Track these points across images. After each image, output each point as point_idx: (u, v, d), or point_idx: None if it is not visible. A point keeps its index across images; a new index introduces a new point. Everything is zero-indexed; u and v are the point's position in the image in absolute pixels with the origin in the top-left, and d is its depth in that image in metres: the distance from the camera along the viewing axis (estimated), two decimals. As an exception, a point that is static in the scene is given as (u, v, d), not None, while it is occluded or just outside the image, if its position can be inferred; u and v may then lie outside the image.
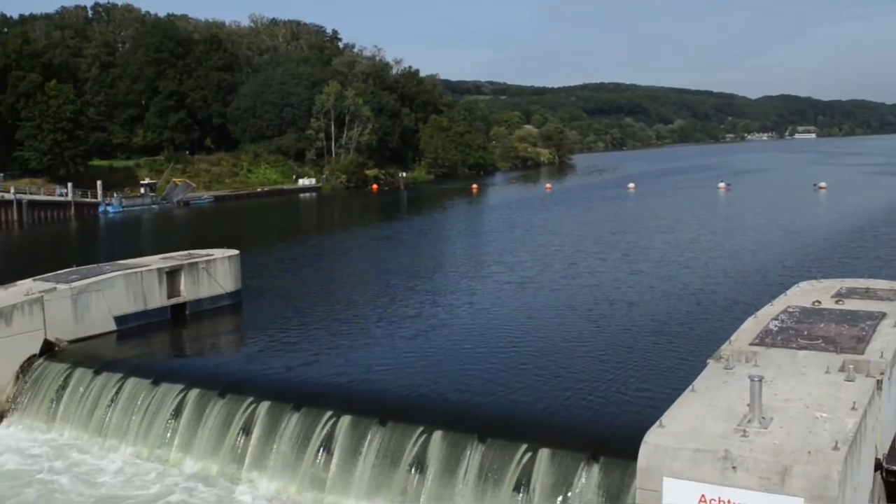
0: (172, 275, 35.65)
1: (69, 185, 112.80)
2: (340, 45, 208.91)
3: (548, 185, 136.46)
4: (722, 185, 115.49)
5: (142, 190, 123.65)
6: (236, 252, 39.37)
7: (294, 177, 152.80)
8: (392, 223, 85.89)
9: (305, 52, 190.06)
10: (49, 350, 30.03)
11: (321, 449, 22.02)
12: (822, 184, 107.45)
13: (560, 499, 18.57)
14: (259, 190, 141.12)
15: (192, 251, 39.49)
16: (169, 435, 24.76)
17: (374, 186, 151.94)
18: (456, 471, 19.99)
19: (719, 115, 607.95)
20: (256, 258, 53.53)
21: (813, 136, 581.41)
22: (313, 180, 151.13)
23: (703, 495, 13.42)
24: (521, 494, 19.01)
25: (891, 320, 21.14)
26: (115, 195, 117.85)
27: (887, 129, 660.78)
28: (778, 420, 14.64)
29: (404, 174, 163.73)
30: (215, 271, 37.47)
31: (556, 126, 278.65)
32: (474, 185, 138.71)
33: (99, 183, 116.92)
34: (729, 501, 13.25)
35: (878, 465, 16.39)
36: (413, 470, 20.52)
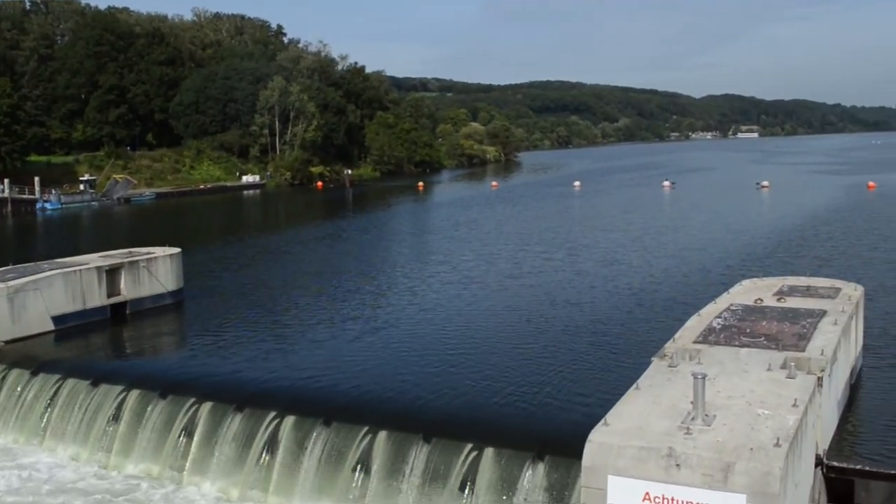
0: (112, 273, 35.05)
1: (6, 181, 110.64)
2: (285, 40, 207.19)
3: (494, 183, 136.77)
4: (667, 183, 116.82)
5: (81, 187, 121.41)
6: (178, 250, 38.86)
7: (238, 174, 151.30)
8: (337, 221, 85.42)
9: (250, 46, 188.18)
10: (-16, 351, 29.29)
11: (265, 450, 21.82)
12: (765, 183, 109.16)
13: (505, 498, 18.58)
14: (202, 187, 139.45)
15: (132, 249, 38.96)
16: (109, 437, 24.35)
17: (320, 184, 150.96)
18: (401, 471, 19.94)
19: (664, 114, 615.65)
20: (199, 256, 52.86)
21: (755, 135, 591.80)
22: (257, 177, 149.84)
23: (647, 493, 13.48)
24: (466, 494, 19.00)
25: (831, 318, 21.50)
26: (53, 192, 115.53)
27: (828, 129, 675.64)
28: (721, 417, 14.80)
29: (350, 171, 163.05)
30: (156, 270, 36.93)
31: (503, 124, 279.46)
32: (420, 183, 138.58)
33: (37, 179, 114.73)
34: (673, 499, 13.32)
35: (818, 462, 16.65)
36: (358, 470, 20.43)
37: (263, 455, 21.76)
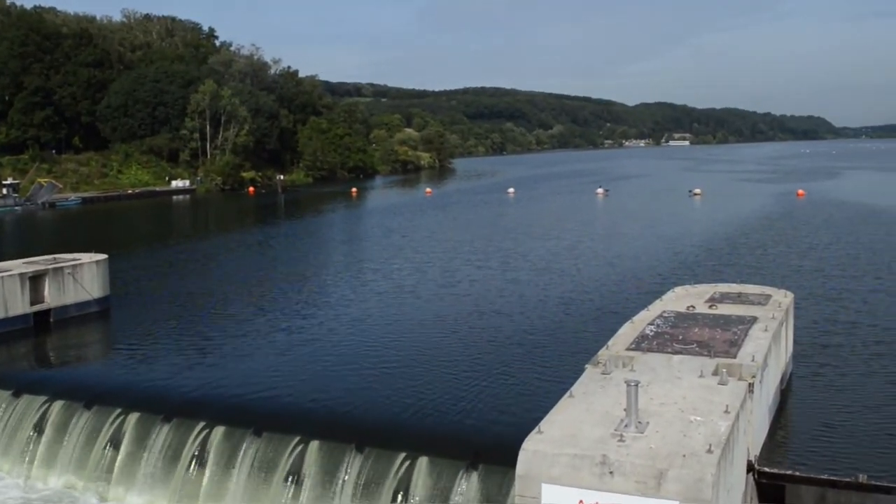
0: (36, 280, 34.10)
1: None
2: (217, 42, 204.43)
3: (428, 190, 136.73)
4: (600, 190, 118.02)
5: (4, 191, 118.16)
6: (105, 256, 38.08)
7: (167, 178, 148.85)
8: (268, 227, 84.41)
9: (180, 49, 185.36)
10: None
11: (193, 461, 21.38)
12: (697, 190, 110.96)
13: (439, 506, 18.42)
14: (130, 192, 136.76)
15: (57, 255, 37.98)
16: (31, 449, 23.65)
17: (251, 189, 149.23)
18: (334, 481, 19.67)
19: (598, 121, 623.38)
20: (126, 263, 51.76)
21: (687, 143, 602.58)
22: (187, 182, 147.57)
23: (581, 501, 13.45)
24: (400, 503, 18.79)
25: (762, 324, 21.78)
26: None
27: (759, 138, 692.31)
28: (654, 424, 14.84)
29: (282, 177, 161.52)
30: (82, 276, 36.04)
31: (437, 130, 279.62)
32: (353, 189, 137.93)
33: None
34: (607, 506, 13.30)
35: (750, 467, 16.79)
36: (290, 481, 20.12)
37: (192, 466, 21.32)
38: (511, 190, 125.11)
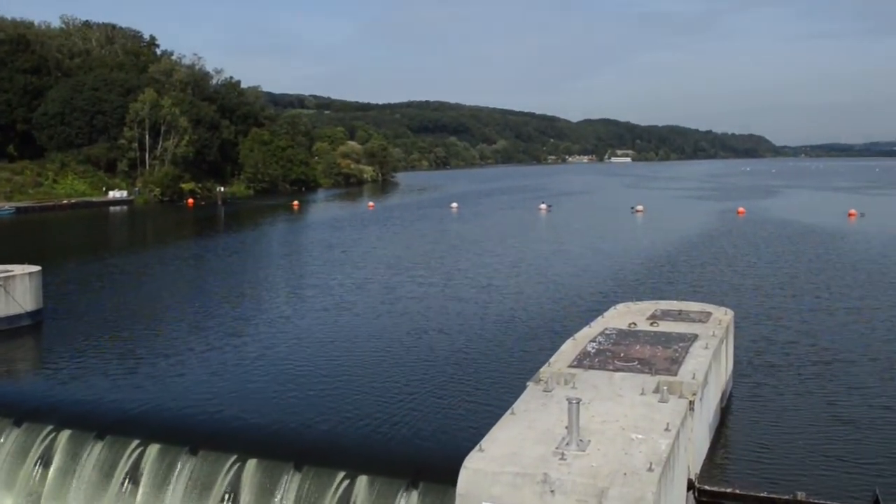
0: (-36, 292, 33.13)
1: None
2: (158, 51, 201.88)
3: (370, 204, 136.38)
4: (543, 206, 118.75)
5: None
6: (38, 269, 37.14)
7: (104, 189, 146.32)
8: (207, 240, 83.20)
9: (120, 57, 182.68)
10: None
11: (127, 479, 20.81)
12: (639, 207, 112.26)
13: (380, 526, 18.17)
14: (66, 202, 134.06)
15: (-13, 267, 36.94)
16: (-44, 468, 22.77)
17: (190, 201, 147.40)
18: (271, 500, 19.29)
19: (542, 137, 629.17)
20: (60, 275, 50.65)
21: (629, 159, 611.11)
22: (125, 193, 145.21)
23: (522, 520, 13.30)
24: (340, 522, 18.50)
25: (702, 342, 21.93)
26: None
27: (700, 155, 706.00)
28: (595, 442, 14.84)
29: (222, 188, 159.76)
30: (13, 289, 35.08)
31: (381, 143, 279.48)
32: (295, 202, 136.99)
33: None
34: (548, 525, 13.21)
35: (690, 485, 16.83)
36: (226, 500, 19.66)
37: (126, 485, 20.75)
38: (454, 205, 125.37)
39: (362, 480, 18.84)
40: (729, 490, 17.25)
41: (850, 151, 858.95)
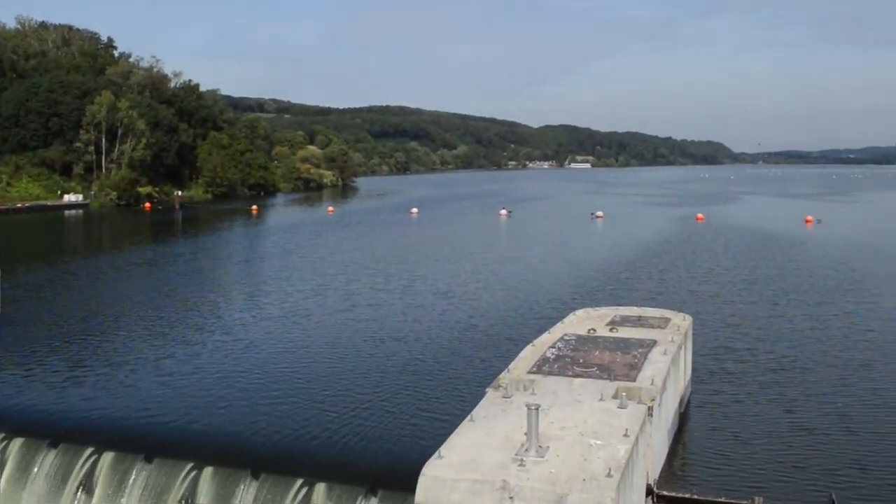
0: (-88, 297, 32.41)
1: None
2: (116, 53, 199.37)
3: (330, 208, 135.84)
4: (503, 212, 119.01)
5: None
6: (-11, 273, 36.44)
7: (59, 192, 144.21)
8: (163, 246, 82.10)
9: (77, 59, 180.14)
10: None
11: (80, 489, 20.41)
12: (599, 213, 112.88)
13: (338, 534, 17.99)
14: (20, 206, 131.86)
15: (-63, 271, 36.22)
16: None
17: (147, 205, 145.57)
18: (228, 508, 19.02)
19: (502, 143, 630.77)
20: (13, 281, 49.52)
21: (589, 165, 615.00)
22: (81, 197, 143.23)
23: (482, 527, 13.22)
24: (297, 531, 18.30)
25: (661, 348, 22.04)
26: None
27: (660, 161, 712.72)
28: (554, 448, 14.86)
29: (180, 192, 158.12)
30: (-36, 294, 34.40)
31: (341, 148, 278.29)
32: (254, 207, 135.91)
33: None
34: (508, 533, 13.15)
35: (649, 491, 16.89)
36: (182, 508, 19.36)
37: (79, 494, 20.34)
38: (414, 210, 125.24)
39: (320, 488, 18.63)
40: (687, 496, 17.33)
41: (807, 158, 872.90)
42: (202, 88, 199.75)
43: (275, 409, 24.12)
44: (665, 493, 17.40)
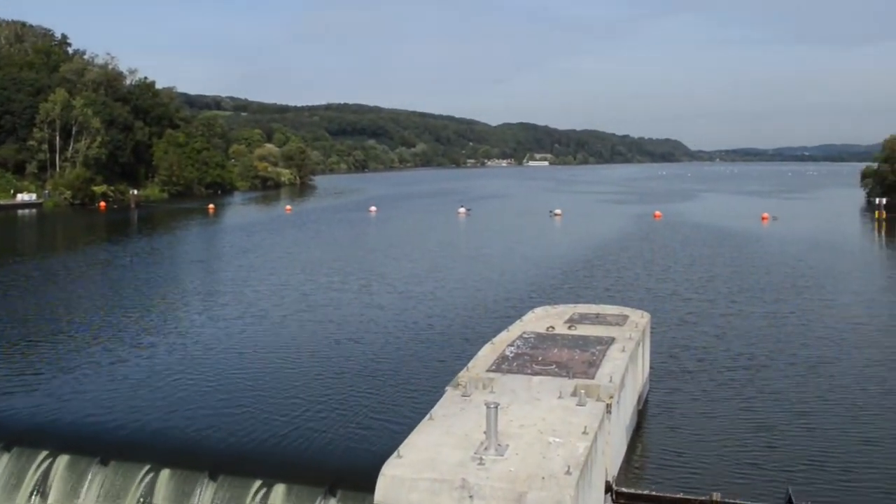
0: None
1: None
2: (70, 50, 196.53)
3: (288, 207, 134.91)
4: (462, 210, 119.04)
5: None
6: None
7: (12, 191, 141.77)
8: (118, 246, 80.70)
9: (30, 55, 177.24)
10: None
11: (34, 493, 20.10)
12: (558, 211, 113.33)
13: (297, 535, 17.88)
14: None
15: None
16: None
17: (102, 204, 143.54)
18: (186, 510, 18.82)
19: (461, 141, 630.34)
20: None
21: (547, 163, 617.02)
22: (34, 196, 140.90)
23: (441, 526, 13.21)
24: (256, 532, 18.16)
25: (619, 345, 22.14)
26: None
27: (618, 159, 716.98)
28: (513, 447, 14.88)
29: (136, 191, 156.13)
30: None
31: (299, 146, 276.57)
32: (211, 205, 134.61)
33: None
34: (466, 531, 13.13)
35: (608, 488, 16.95)
36: (139, 511, 19.14)
37: (34, 498, 20.02)
38: (373, 208, 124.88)
39: (279, 489, 18.51)
40: (646, 492, 17.43)
41: (763, 156, 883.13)
42: (158, 86, 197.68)
43: (232, 411, 23.92)
44: (624, 489, 17.48)
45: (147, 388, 26.87)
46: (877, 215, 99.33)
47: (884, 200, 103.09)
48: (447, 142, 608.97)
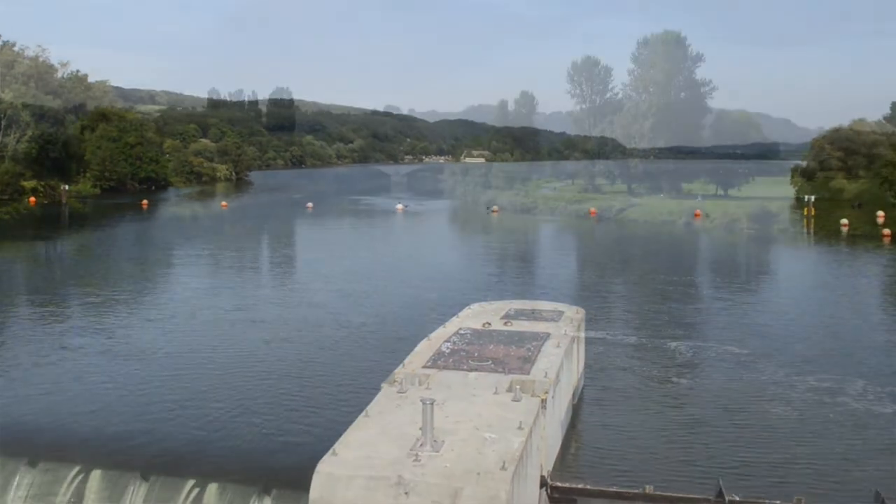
0: None
1: None
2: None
3: (223, 203, 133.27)
4: (400, 206, 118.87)
5: None
6: None
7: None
8: (46, 242, 78.89)
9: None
10: None
11: (-43, 496, 19.58)
12: (495, 207, 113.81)
13: (230, 535, 17.69)
14: None
15: None
16: None
17: (32, 199, 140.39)
18: (117, 512, 18.49)
19: (399, 137, 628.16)
20: None
21: (483, 160, 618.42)
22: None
23: (377, 524, 13.16)
24: (189, 534, 17.92)
25: (554, 341, 22.27)
26: None
27: (554, 156, 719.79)
28: (449, 443, 14.91)
29: (67, 187, 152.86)
30: None
31: (235, 141, 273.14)
32: (144, 201, 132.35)
33: None
34: (403, 528, 13.15)
35: (543, 482, 17.04)
36: (68, 514, 18.75)
37: (-43, 502, 19.54)
38: (310, 204, 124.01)
39: (212, 488, 18.30)
40: (581, 486, 17.54)
41: (697, 154, 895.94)
42: (91, 80, 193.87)
43: (164, 410, 23.56)
44: (559, 484, 17.56)
45: (75, 387, 26.34)
46: (805, 212, 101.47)
47: (812, 198, 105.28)
48: (385, 138, 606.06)
